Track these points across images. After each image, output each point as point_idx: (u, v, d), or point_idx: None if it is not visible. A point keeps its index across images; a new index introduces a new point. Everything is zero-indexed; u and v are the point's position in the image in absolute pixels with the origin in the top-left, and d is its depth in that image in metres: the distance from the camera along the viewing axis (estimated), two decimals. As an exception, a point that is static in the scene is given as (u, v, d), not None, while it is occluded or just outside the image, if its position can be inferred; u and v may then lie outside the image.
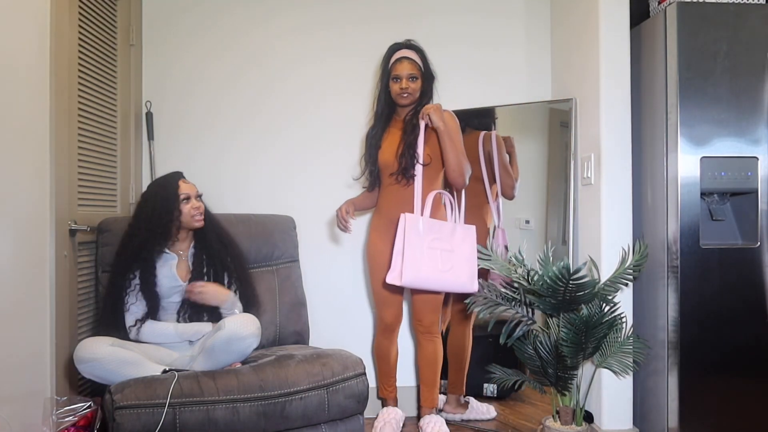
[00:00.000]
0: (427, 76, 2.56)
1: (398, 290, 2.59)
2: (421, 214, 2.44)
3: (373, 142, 2.60)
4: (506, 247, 2.77)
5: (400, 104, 2.56)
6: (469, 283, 2.42)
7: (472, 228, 2.50)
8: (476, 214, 2.79)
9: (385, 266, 2.51)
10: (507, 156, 2.84)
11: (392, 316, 2.62)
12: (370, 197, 2.71)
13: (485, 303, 2.37)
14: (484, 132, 2.87)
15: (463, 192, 2.54)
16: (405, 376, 2.93)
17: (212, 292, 2.29)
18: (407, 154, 2.48)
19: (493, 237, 2.77)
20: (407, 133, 2.52)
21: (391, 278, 2.39)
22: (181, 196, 2.32)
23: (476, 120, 2.91)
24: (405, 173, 2.50)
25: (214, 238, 2.39)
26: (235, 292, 2.37)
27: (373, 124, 2.65)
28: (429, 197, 2.46)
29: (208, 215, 2.42)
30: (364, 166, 2.65)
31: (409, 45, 2.56)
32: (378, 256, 2.59)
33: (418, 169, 2.47)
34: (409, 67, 2.51)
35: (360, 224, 2.93)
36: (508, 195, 2.82)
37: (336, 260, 2.95)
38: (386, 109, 2.60)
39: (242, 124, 2.93)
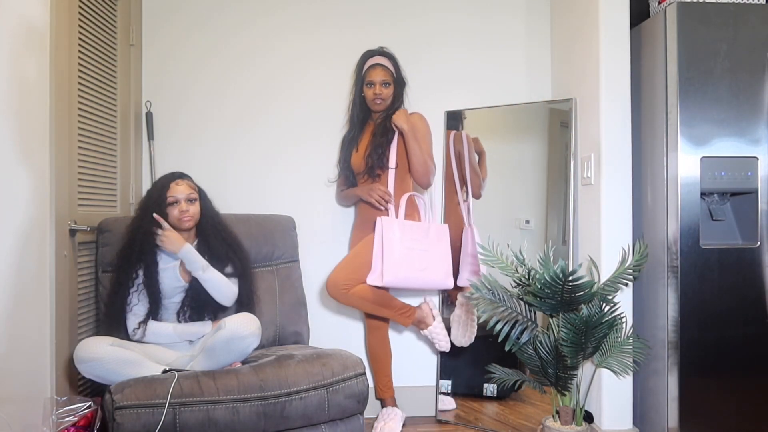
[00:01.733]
0: (398, 82, 2.68)
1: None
2: (396, 216, 2.55)
3: (349, 146, 2.72)
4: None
5: (373, 109, 2.68)
6: (445, 281, 2.57)
7: (446, 227, 2.64)
8: (454, 213, 2.84)
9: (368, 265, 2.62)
10: (476, 156, 2.87)
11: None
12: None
13: (486, 303, 2.36)
14: (455, 132, 2.89)
15: (437, 192, 2.71)
16: (403, 376, 2.93)
17: (173, 239, 2.27)
18: (374, 155, 2.60)
19: (462, 236, 2.80)
20: (376, 136, 2.63)
21: (372, 279, 2.49)
22: (169, 199, 2.31)
23: (447, 121, 2.93)
24: (370, 173, 2.62)
25: (218, 238, 2.38)
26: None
27: (349, 128, 2.76)
28: (402, 199, 2.58)
29: (210, 216, 2.41)
30: (340, 170, 2.78)
31: (381, 52, 2.68)
32: (360, 255, 2.65)
33: (391, 173, 2.59)
34: (382, 74, 2.62)
35: (348, 223, 2.93)
36: (476, 194, 2.88)
37: (336, 260, 2.95)
38: (361, 114, 2.71)
39: (242, 123, 2.93)
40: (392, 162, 2.60)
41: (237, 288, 2.37)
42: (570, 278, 2.12)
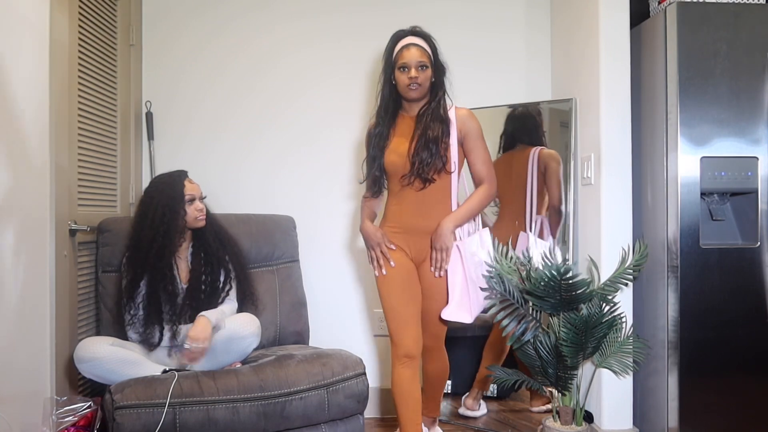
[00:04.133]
0: (437, 67, 2.24)
1: (416, 305, 2.24)
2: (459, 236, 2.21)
3: (377, 143, 2.25)
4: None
5: (408, 98, 2.22)
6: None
7: (487, 231, 2.32)
8: (518, 223, 2.74)
9: (403, 283, 2.22)
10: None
11: (413, 338, 2.18)
12: (377, 204, 2.38)
13: (498, 299, 2.33)
14: (538, 148, 2.79)
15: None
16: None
17: (202, 339, 2.15)
18: (424, 154, 2.15)
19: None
20: (424, 129, 2.18)
21: (455, 314, 2.17)
22: (187, 197, 2.30)
23: (526, 137, 2.84)
24: (421, 174, 2.16)
25: (212, 237, 2.38)
26: (227, 290, 2.36)
27: (375, 122, 2.28)
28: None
29: (207, 215, 2.41)
30: (367, 171, 2.30)
31: (415, 32, 2.24)
32: (394, 271, 2.22)
33: (454, 178, 2.20)
34: (418, 54, 2.17)
35: (349, 222, 2.93)
36: (556, 203, 2.75)
37: (336, 260, 2.95)
38: (391, 105, 2.26)
39: (242, 123, 2.93)
40: (454, 164, 2.17)
41: (235, 304, 2.36)
42: (565, 276, 2.12)
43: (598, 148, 2.49)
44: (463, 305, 2.18)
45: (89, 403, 2.09)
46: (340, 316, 2.95)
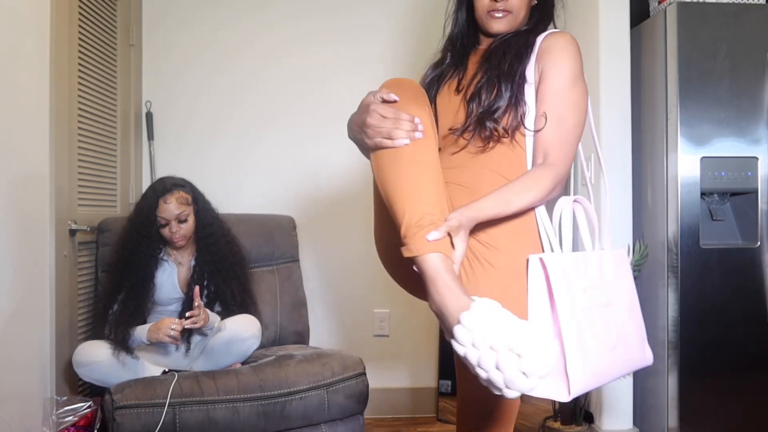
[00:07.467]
0: None
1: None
2: (560, 245, 1.33)
3: (428, 87, 1.47)
4: None
5: (490, 31, 1.44)
6: (641, 352, 1.40)
7: (622, 253, 1.50)
8: None
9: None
10: None
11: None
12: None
13: None
14: None
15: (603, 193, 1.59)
16: (403, 377, 2.93)
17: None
18: (488, 94, 1.35)
19: None
20: (492, 61, 1.40)
21: (544, 389, 1.22)
22: (159, 221, 2.20)
23: None
24: (479, 127, 1.35)
25: (214, 249, 2.30)
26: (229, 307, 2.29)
27: (440, 58, 1.52)
28: (561, 208, 1.41)
29: (206, 224, 2.31)
30: None
31: None
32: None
33: (528, 141, 1.40)
34: None
35: (349, 222, 2.92)
36: None
37: (336, 260, 2.95)
38: (467, 38, 1.50)
39: (242, 123, 2.93)
40: (531, 119, 1.36)
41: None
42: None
43: (598, 148, 2.49)
44: (558, 367, 1.21)
45: (89, 403, 2.09)
46: (340, 316, 2.95)
